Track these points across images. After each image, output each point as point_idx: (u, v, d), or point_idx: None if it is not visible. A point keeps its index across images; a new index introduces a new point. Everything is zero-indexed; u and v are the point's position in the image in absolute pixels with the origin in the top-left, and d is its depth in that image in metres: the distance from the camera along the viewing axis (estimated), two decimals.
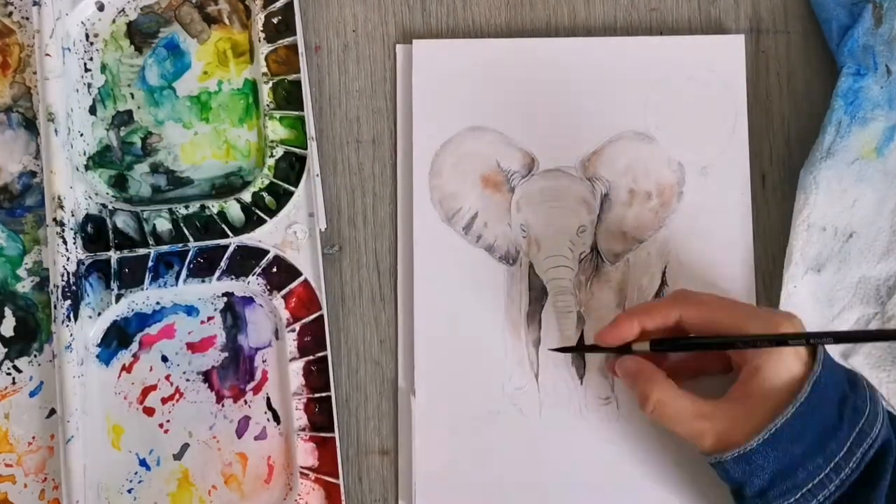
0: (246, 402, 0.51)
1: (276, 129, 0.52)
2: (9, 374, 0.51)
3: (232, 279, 0.51)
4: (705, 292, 0.47)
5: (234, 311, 0.52)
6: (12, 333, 0.52)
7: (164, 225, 0.51)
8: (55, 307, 0.49)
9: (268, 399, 0.51)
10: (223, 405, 0.51)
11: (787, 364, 0.42)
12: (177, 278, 0.51)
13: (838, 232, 0.50)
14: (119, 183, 0.53)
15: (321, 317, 0.51)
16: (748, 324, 0.43)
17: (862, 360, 0.50)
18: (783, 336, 0.42)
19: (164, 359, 0.51)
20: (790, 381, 0.42)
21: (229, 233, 0.51)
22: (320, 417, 0.50)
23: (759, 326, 0.43)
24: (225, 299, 0.52)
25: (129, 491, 0.51)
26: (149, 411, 0.51)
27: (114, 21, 0.54)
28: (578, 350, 0.51)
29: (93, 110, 0.53)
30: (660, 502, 0.50)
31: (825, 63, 0.54)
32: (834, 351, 0.47)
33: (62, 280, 0.49)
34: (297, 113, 0.52)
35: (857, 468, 0.41)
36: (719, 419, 0.43)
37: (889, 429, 0.43)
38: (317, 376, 0.50)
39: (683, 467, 0.50)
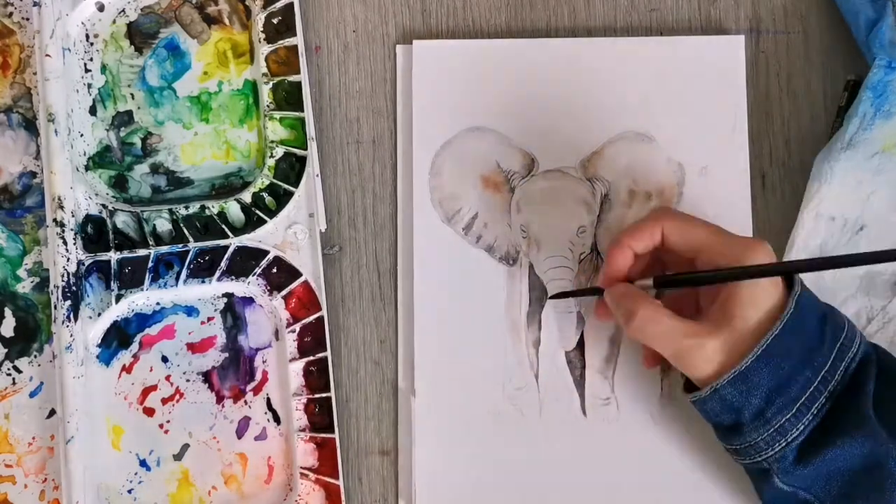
0: (246, 402, 0.51)
1: (276, 130, 0.52)
2: (9, 374, 0.51)
3: (232, 280, 0.51)
4: (684, 212, 0.47)
5: (234, 311, 0.52)
6: (12, 334, 0.52)
7: (164, 225, 0.51)
8: (55, 308, 0.49)
9: (268, 399, 0.51)
10: (223, 405, 0.51)
11: (764, 287, 0.43)
12: (177, 279, 0.51)
13: (848, 223, 0.50)
14: (119, 183, 0.53)
15: (321, 317, 0.51)
16: (725, 245, 0.44)
17: None
18: (791, 263, 0.44)
19: (165, 359, 0.51)
20: (769, 304, 0.43)
21: (229, 233, 0.51)
22: (320, 418, 0.50)
23: (736, 247, 0.44)
24: (225, 300, 0.52)
25: (129, 491, 0.51)
26: (149, 412, 0.51)
27: (114, 21, 0.54)
28: (583, 294, 0.50)
29: (93, 111, 0.53)
30: (660, 502, 0.50)
31: (825, 63, 0.54)
32: None
33: (62, 280, 0.49)
34: (297, 113, 0.52)
35: (843, 380, 0.43)
36: (707, 337, 0.43)
37: (867, 344, 0.45)
38: (317, 377, 0.50)
39: (683, 467, 0.50)
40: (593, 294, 0.50)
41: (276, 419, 0.51)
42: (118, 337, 0.51)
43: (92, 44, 0.54)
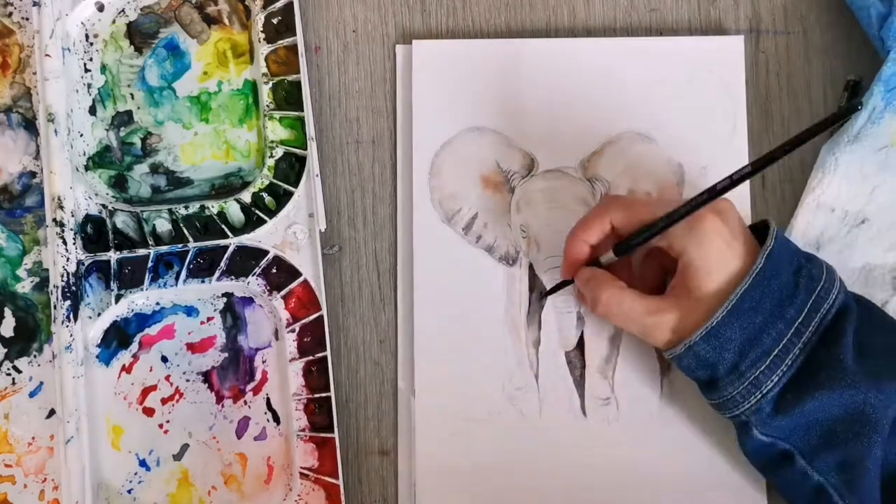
0: (246, 402, 0.51)
1: (276, 130, 0.52)
2: (9, 374, 0.51)
3: (232, 279, 0.51)
4: (632, 197, 0.50)
5: (233, 311, 0.52)
6: (12, 334, 0.52)
7: (163, 225, 0.51)
8: (55, 307, 0.49)
9: (268, 399, 0.51)
10: (223, 405, 0.51)
11: (719, 257, 0.44)
12: (176, 279, 0.51)
13: (848, 216, 0.50)
14: (119, 183, 0.53)
15: (321, 317, 0.51)
16: (669, 209, 0.45)
17: None
18: (713, 187, 0.43)
19: (164, 359, 0.51)
20: (727, 271, 0.44)
21: (229, 233, 0.51)
22: (320, 418, 0.50)
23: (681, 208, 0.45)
24: (225, 300, 0.52)
25: (129, 491, 0.51)
26: (149, 412, 0.51)
27: (114, 21, 0.54)
28: (561, 287, 0.50)
29: (93, 111, 0.53)
30: (659, 502, 0.50)
31: (825, 63, 0.54)
32: None
33: (62, 280, 0.49)
34: (296, 113, 0.52)
35: (817, 332, 0.44)
36: (668, 312, 0.45)
37: (847, 295, 0.45)
38: (316, 377, 0.50)
39: (683, 467, 0.50)
40: (569, 284, 0.50)
41: (276, 419, 0.51)
42: (118, 337, 0.51)
43: (92, 44, 0.54)
